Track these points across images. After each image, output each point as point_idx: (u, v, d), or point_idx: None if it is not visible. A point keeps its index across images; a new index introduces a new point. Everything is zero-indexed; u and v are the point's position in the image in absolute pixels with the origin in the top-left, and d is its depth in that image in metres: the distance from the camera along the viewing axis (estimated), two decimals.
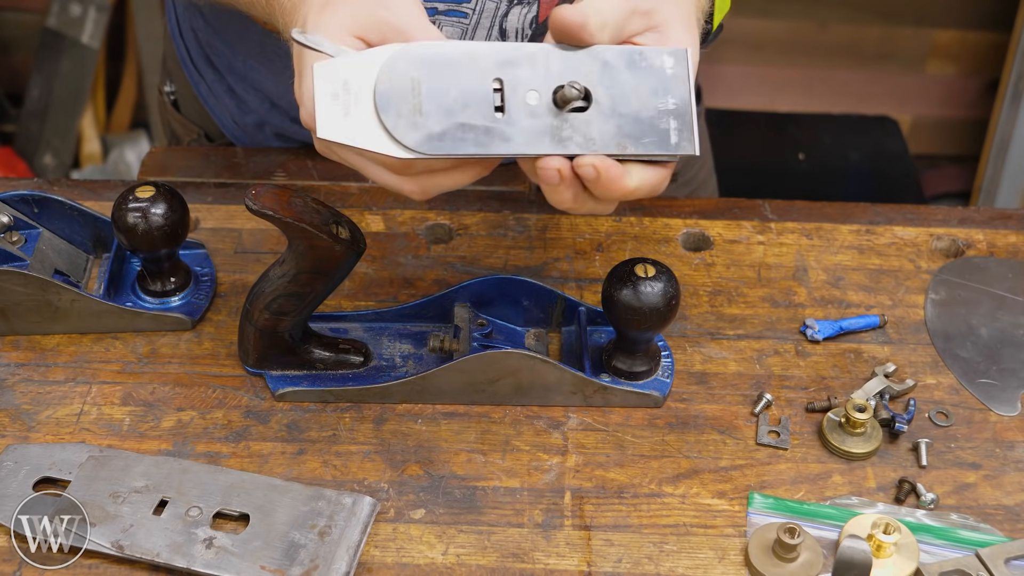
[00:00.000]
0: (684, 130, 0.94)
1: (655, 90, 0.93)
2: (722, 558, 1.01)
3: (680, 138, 0.94)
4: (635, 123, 0.93)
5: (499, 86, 0.92)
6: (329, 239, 1.03)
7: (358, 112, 0.90)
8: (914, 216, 1.33)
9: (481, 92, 0.91)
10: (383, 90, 0.90)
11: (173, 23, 1.46)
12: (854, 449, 1.09)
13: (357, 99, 0.90)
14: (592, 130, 0.92)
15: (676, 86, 0.94)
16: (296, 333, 1.11)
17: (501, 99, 0.92)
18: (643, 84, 0.93)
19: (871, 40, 2.94)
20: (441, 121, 0.91)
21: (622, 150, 0.93)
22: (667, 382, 1.13)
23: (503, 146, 0.92)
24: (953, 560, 1.01)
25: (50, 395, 1.12)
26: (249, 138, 1.43)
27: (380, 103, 0.90)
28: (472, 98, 0.91)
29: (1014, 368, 1.18)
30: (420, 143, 0.90)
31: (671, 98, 0.94)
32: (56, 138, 2.89)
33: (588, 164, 0.91)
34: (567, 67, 0.92)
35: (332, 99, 0.90)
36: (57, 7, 2.84)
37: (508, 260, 1.26)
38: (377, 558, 1.01)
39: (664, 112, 0.94)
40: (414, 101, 0.90)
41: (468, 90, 0.91)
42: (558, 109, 0.92)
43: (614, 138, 0.93)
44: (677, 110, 0.94)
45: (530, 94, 0.92)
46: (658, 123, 0.93)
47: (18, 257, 1.17)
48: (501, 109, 0.92)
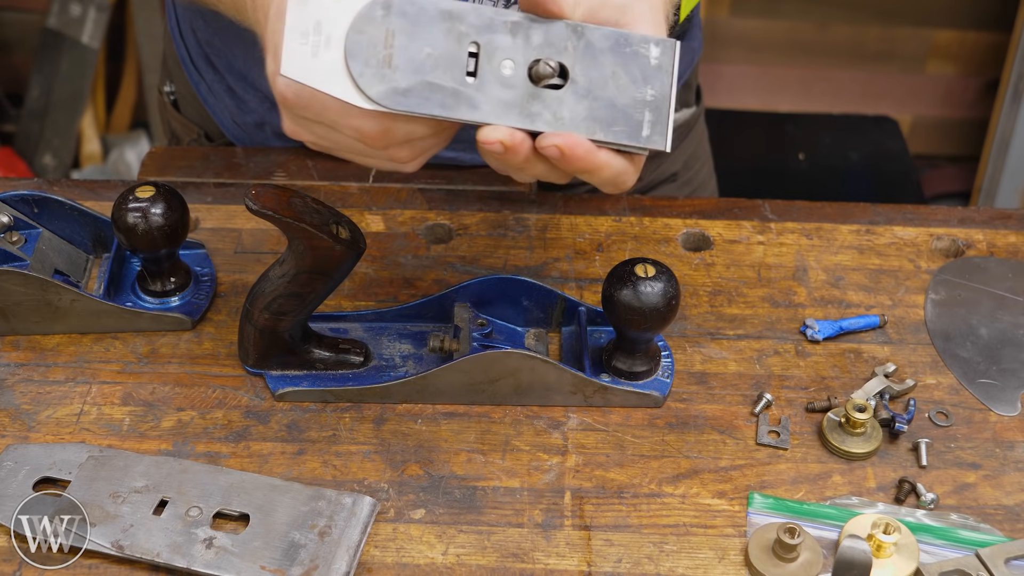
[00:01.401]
0: (658, 124, 0.92)
1: (635, 78, 0.91)
2: (722, 558, 1.01)
3: (652, 131, 0.92)
4: (609, 109, 0.91)
5: (475, 50, 0.89)
6: (329, 239, 1.03)
7: (326, 55, 0.88)
8: (914, 216, 1.33)
9: (455, 54, 0.89)
10: (355, 37, 0.88)
11: (173, 23, 1.46)
12: (854, 449, 1.09)
13: (327, 42, 0.88)
14: (563, 109, 0.90)
15: (658, 77, 0.92)
16: (296, 333, 1.11)
17: (475, 64, 0.89)
18: (624, 70, 0.91)
19: (871, 40, 2.94)
20: (409, 77, 0.89)
21: (590, 134, 0.91)
22: (667, 382, 1.13)
23: (468, 112, 0.90)
24: (953, 560, 1.01)
25: (50, 395, 1.12)
26: (249, 138, 1.43)
27: (350, 49, 0.88)
28: (445, 59, 0.89)
29: (1014, 368, 1.18)
30: (384, 95, 0.89)
31: (651, 89, 0.91)
32: (56, 138, 2.89)
33: (551, 145, 0.89)
34: (549, 41, 0.90)
35: (302, 37, 0.88)
36: (57, 7, 2.84)
37: (508, 260, 1.26)
38: (377, 558, 1.01)
39: (641, 102, 0.91)
40: (385, 52, 0.88)
41: (442, 50, 0.89)
42: (532, 83, 0.90)
43: (584, 120, 0.91)
44: (655, 102, 0.91)
45: (505, 63, 0.90)
46: (632, 112, 0.91)
47: (18, 257, 1.17)
48: (473, 74, 0.90)
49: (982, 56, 2.95)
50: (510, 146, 0.89)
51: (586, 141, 0.90)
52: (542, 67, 0.89)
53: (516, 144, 0.89)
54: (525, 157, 0.90)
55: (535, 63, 0.90)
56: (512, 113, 0.90)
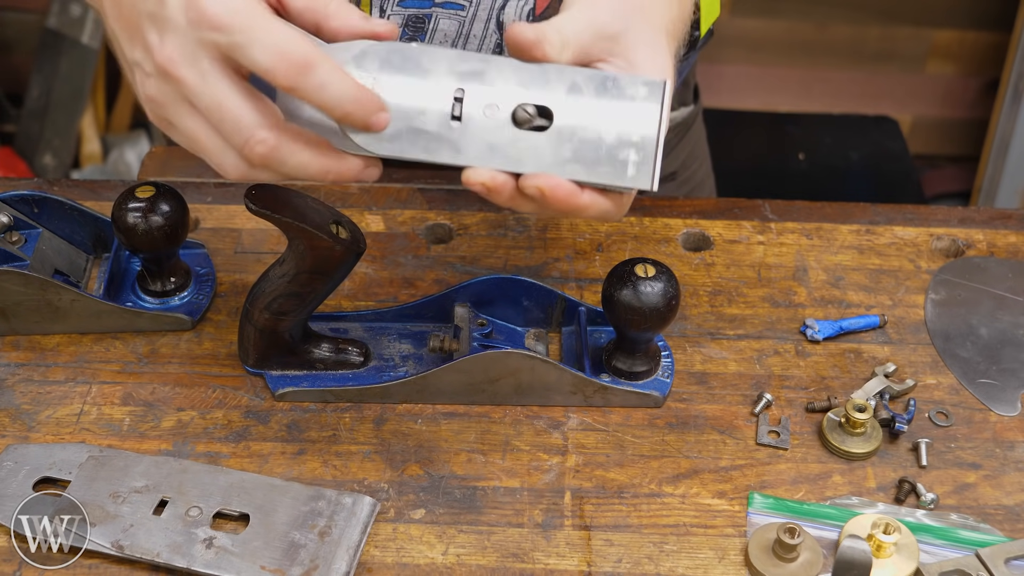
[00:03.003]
0: (644, 163, 0.91)
1: (621, 120, 0.91)
2: (722, 558, 1.01)
3: (638, 171, 0.91)
4: (593, 150, 0.91)
5: (460, 95, 0.90)
6: (329, 239, 1.03)
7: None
8: (914, 216, 1.33)
9: (440, 100, 0.90)
10: None
11: None
12: (854, 449, 1.09)
13: None
14: (546, 152, 0.91)
15: (645, 118, 0.91)
16: (296, 333, 1.11)
17: (460, 109, 0.90)
18: (610, 112, 0.91)
19: (871, 40, 2.94)
20: (395, 124, 0.90)
21: (574, 176, 0.91)
22: (667, 382, 1.13)
23: (452, 156, 0.91)
24: (953, 560, 1.01)
25: (50, 395, 1.12)
26: None
27: None
28: (430, 104, 0.90)
29: (1014, 368, 1.18)
30: (370, 142, 0.90)
31: (637, 129, 0.91)
32: (56, 138, 2.89)
33: (533, 186, 0.89)
34: (533, 85, 0.91)
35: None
36: (57, 7, 2.84)
37: (508, 260, 1.26)
38: (377, 558, 1.01)
39: (626, 143, 0.91)
40: None
41: (428, 96, 0.90)
42: (515, 126, 0.91)
43: (568, 162, 0.91)
44: (641, 143, 0.91)
45: (489, 108, 0.91)
46: (617, 153, 0.91)
47: (18, 257, 1.17)
48: (458, 118, 0.90)
49: (982, 56, 2.95)
50: (492, 188, 0.90)
51: (568, 183, 0.90)
52: (520, 112, 0.90)
53: (499, 186, 0.90)
54: (509, 196, 0.91)
55: (518, 107, 0.91)
56: (496, 156, 0.90)
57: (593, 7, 0.93)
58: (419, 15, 1.19)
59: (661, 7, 0.97)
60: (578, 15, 0.92)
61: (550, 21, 0.91)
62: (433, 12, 1.19)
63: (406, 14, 1.19)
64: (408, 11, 1.19)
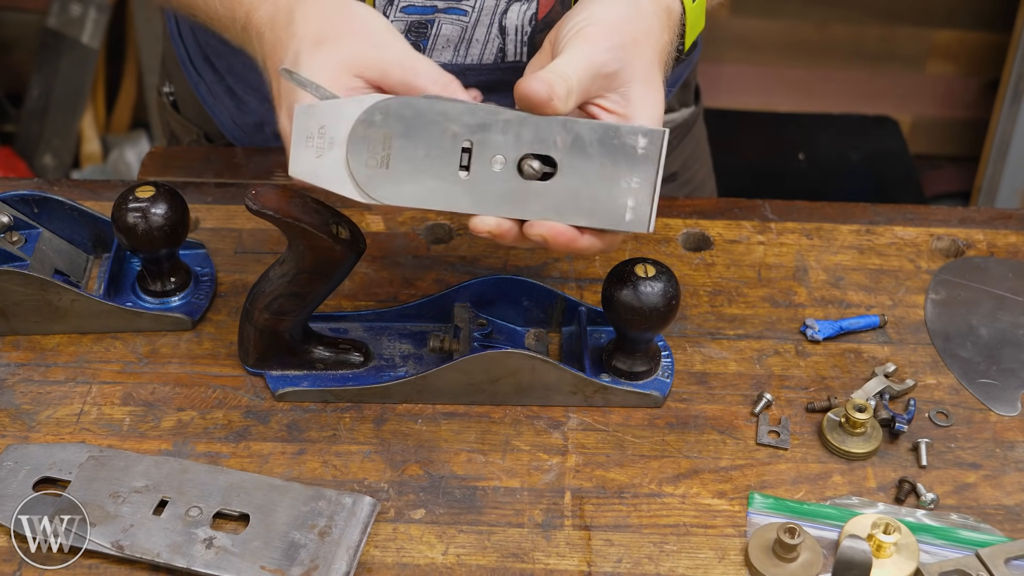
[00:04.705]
0: (640, 209, 0.97)
1: (621, 169, 0.96)
2: (722, 558, 1.01)
3: (635, 216, 0.97)
4: (593, 198, 0.97)
5: (468, 146, 0.95)
6: (329, 239, 1.03)
7: (330, 156, 0.95)
8: (914, 216, 1.33)
9: (449, 151, 0.95)
10: (355, 140, 0.95)
11: (172, 24, 1.46)
12: (854, 449, 1.09)
13: (331, 144, 0.95)
14: (549, 200, 0.96)
15: (644, 167, 0.96)
16: (296, 333, 1.11)
17: (468, 159, 0.96)
18: (611, 162, 0.96)
19: (871, 40, 2.94)
20: (406, 174, 0.95)
21: (574, 222, 0.97)
22: (667, 382, 1.13)
23: (460, 203, 0.97)
24: (953, 560, 1.01)
25: (50, 395, 1.12)
26: (249, 138, 1.43)
27: (350, 151, 0.95)
28: (440, 156, 0.95)
29: (1014, 368, 1.18)
30: (382, 193, 0.96)
31: (636, 178, 0.96)
32: (56, 138, 2.89)
33: (537, 234, 0.96)
34: (539, 137, 0.96)
35: (307, 140, 0.95)
36: (57, 7, 2.84)
37: (508, 260, 1.26)
38: (377, 558, 1.01)
39: (625, 190, 0.97)
40: (383, 153, 0.95)
41: (437, 148, 0.95)
42: (520, 176, 0.96)
43: (569, 210, 0.97)
44: (639, 190, 0.97)
45: (496, 159, 0.96)
46: (616, 200, 0.97)
47: (18, 257, 1.17)
48: (466, 168, 0.96)
49: (982, 56, 2.94)
50: (498, 234, 0.96)
51: (569, 229, 0.96)
52: (526, 168, 0.96)
53: (504, 232, 0.96)
54: (513, 240, 0.97)
55: (523, 159, 0.96)
56: (502, 204, 0.96)
57: (592, 44, 0.96)
58: (422, 21, 1.19)
59: (653, 38, 1.00)
60: (579, 55, 0.95)
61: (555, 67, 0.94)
62: (436, 18, 1.19)
63: (408, 20, 1.19)
64: (411, 17, 1.19)
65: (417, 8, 1.18)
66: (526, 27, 1.21)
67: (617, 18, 0.97)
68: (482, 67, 1.23)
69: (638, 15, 0.99)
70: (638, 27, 0.99)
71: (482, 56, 1.22)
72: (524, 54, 1.23)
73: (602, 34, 0.96)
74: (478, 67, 1.23)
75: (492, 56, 1.22)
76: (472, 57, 1.22)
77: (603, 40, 0.96)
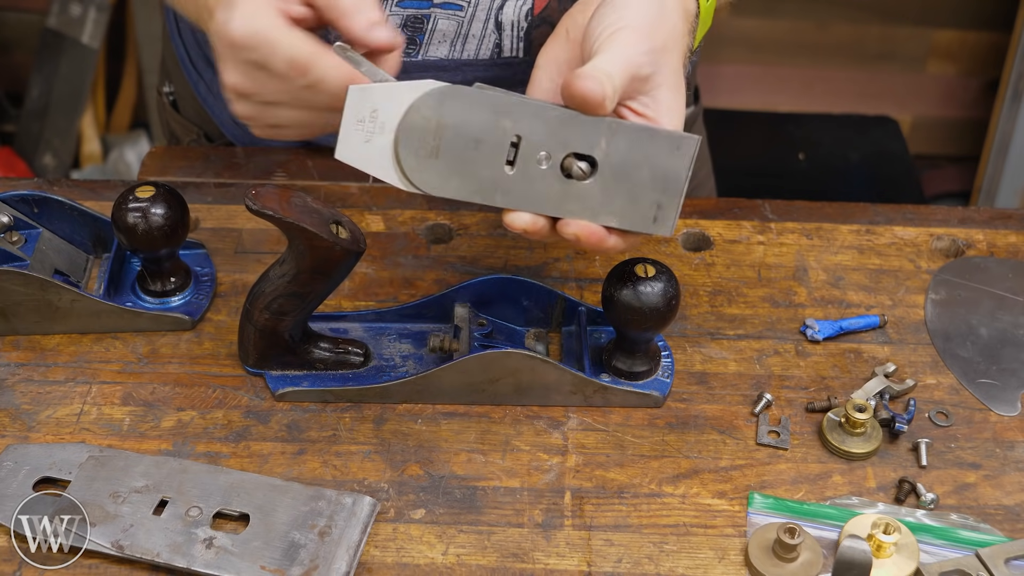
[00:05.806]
0: (666, 213, 0.98)
1: (654, 173, 0.97)
2: (722, 558, 1.01)
3: (659, 219, 0.99)
4: (625, 200, 0.97)
5: (516, 141, 0.95)
6: (329, 239, 1.03)
7: (379, 141, 0.94)
8: (914, 216, 1.33)
9: (498, 146, 0.95)
10: (407, 128, 0.94)
11: (171, 23, 1.46)
12: (854, 449, 1.09)
13: (382, 129, 0.94)
14: (586, 200, 0.97)
15: (674, 172, 0.97)
16: (296, 333, 1.11)
17: (515, 154, 0.95)
18: (645, 165, 0.97)
19: (871, 40, 2.94)
20: (452, 166, 0.95)
21: (606, 222, 0.98)
22: (667, 382, 1.14)
23: (502, 198, 0.97)
24: (953, 560, 1.01)
25: (50, 395, 1.12)
26: (249, 138, 1.42)
27: (401, 139, 0.94)
28: (488, 150, 0.95)
29: (1014, 368, 1.18)
30: (428, 183, 0.95)
31: (665, 183, 0.97)
32: (56, 138, 2.89)
33: (571, 233, 0.97)
34: (584, 137, 0.96)
35: (358, 124, 0.94)
36: (57, 7, 2.84)
37: (508, 260, 1.26)
38: (377, 558, 1.01)
39: (655, 195, 0.97)
40: (433, 143, 0.95)
41: (487, 142, 0.95)
42: (563, 175, 0.96)
43: (603, 210, 0.97)
44: (666, 195, 0.97)
45: (541, 155, 0.96)
46: (646, 204, 0.98)
47: (18, 257, 1.17)
48: (512, 163, 0.96)
49: (982, 56, 2.95)
50: (532, 231, 0.97)
51: (600, 229, 0.97)
52: (575, 169, 0.96)
53: (537, 229, 0.97)
54: (545, 235, 0.98)
55: (567, 157, 0.96)
56: (543, 202, 0.97)
57: (631, 46, 0.96)
58: (418, 15, 1.19)
59: (681, 44, 1.01)
60: (619, 56, 0.95)
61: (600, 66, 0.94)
62: (432, 12, 1.19)
63: (405, 14, 1.19)
64: (407, 11, 1.19)
65: (413, 3, 1.18)
66: (522, 22, 1.21)
67: (649, 20, 0.97)
68: (478, 62, 1.23)
69: (664, 15, 0.98)
70: (667, 29, 0.98)
71: (478, 51, 1.22)
72: (520, 49, 1.23)
73: (638, 37, 0.96)
74: (474, 62, 1.23)
75: (488, 51, 1.22)
76: (468, 52, 1.22)
77: (641, 43, 0.96)
